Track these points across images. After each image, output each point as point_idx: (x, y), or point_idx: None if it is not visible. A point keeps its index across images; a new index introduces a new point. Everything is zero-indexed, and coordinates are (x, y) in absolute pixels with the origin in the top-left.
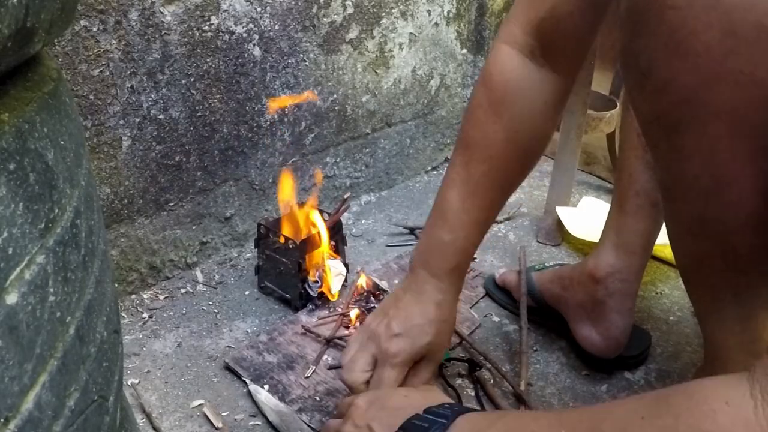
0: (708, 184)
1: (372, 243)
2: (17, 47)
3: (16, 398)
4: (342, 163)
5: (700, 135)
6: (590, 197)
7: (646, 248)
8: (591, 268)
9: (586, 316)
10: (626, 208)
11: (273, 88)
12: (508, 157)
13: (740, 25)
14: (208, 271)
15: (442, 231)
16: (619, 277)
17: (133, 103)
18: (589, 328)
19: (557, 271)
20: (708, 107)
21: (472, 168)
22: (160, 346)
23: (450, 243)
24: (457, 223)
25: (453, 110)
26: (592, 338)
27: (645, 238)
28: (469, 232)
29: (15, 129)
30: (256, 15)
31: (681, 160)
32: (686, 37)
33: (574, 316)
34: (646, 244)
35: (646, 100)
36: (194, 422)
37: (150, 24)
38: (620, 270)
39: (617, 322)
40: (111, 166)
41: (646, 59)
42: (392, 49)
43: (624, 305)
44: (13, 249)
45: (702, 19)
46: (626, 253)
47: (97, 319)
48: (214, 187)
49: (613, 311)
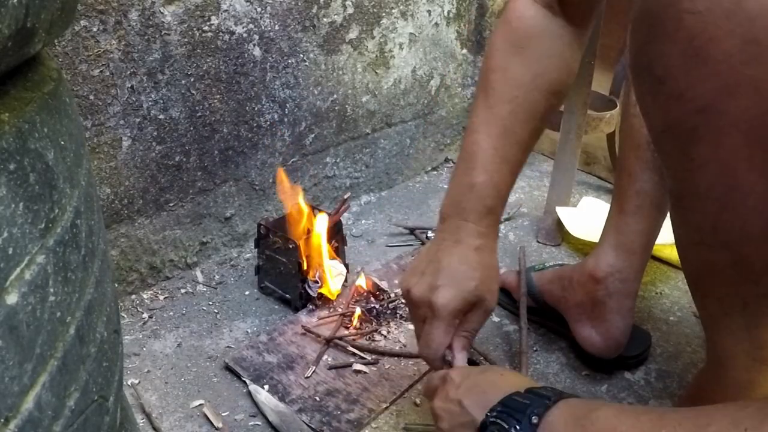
0: (722, 194)
1: (372, 243)
2: (17, 47)
3: (16, 398)
4: (342, 163)
5: (716, 144)
6: (590, 197)
7: (646, 248)
8: (591, 268)
9: (586, 316)
10: (626, 207)
11: (273, 88)
12: (534, 95)
13: (763, 32)
14: (208, 272)
15: (474, 173)
16: (619, 277)
17: (133, 104)
18: (589, 328)
19: (557, 272)
20: (725, 116)
21: (497, 109)
22: (160, 346)
23: (483, 183)
24: (489, 162)
25: (453, 110)
26: (593, 338)
27: (645, 237)
28: (501, 171)
29: (15, 129)
30: (257, 15)
31: (694, 170)
32: (705, 43)
33: (574, 316)
34: (647, 243)
35: (659, 108)
36: (194, 422)
37: (150, 24)
38: (620, 270)
39: (617, 323)
40: (111, 166)
41: (662, 65)
42: (392, 49)
43: (624, 305)
44: (14, 249)
45: (722, 25)
46: (626, 253)
47: (97, 319)
48: (214, 188)
49: (613, 311)
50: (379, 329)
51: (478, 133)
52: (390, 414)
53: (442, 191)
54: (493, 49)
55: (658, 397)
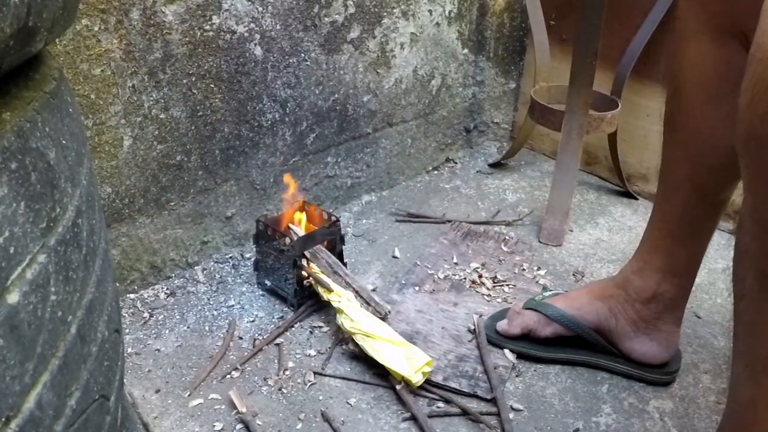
0: None
1: (373, 243)
2: (19, 46)
3: (17, 397)
4: (343, 162)
5: None
6: None
7: (694, 269)
8: (637, 289)
9: (641, 332)
10: (676, 233)
11: (274, 87)
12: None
13: None
14: (209, 271)
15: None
16: (668, 296)
17: (134, 103)
18: (648, 341)
19: (590, 293)
20: None
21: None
22: (160, 345)
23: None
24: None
25: (454, 110)
26: (653, 350)
27: (695, 261)
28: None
29: (17, 128)
30: (258, 14)
31: None
32: None
33: (628, 334)
34: (695, 265)
35: None
36: (194, 422)
37: (151, 23)
38: (668, 290)
39: (674, 330)
40: (112, 165)
41: None
42: (393, 48)
43: (676, 315)
44: (15, 248)
45: None
46: (674, 277)
47: (98, 318)
48: (215, 187)
49: (669, 322)
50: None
51: None
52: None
53: (442, 191)
54: None
55: (659, 398)
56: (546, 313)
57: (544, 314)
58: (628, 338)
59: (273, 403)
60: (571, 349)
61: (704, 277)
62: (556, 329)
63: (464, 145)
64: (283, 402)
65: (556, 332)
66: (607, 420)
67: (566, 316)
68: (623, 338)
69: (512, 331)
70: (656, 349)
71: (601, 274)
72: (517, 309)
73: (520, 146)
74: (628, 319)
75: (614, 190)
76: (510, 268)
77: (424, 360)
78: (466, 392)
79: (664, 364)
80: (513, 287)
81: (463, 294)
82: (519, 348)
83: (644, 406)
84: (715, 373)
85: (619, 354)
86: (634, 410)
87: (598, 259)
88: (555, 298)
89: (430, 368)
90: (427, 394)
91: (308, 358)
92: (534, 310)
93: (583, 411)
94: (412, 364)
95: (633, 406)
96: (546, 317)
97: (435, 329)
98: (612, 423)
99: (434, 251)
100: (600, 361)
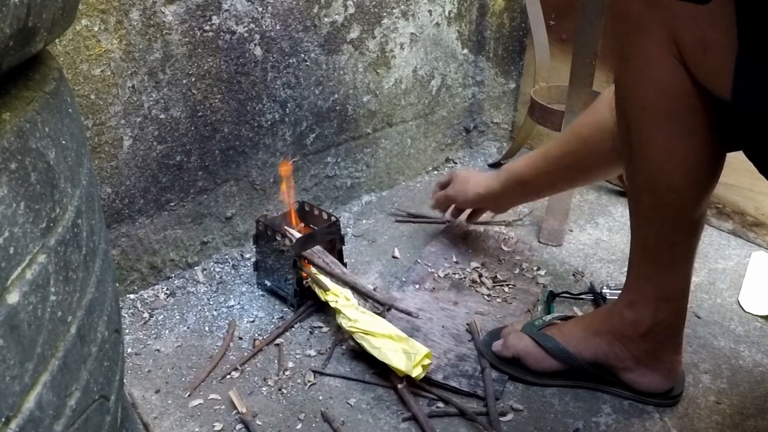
0: None
1: (372, 243)
2: (19, 46)
3: (17, 398)
4: (343, 163)
5: None
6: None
7: (687, 290)
8: (632, 321)
9: (642, 364)
10: (660, 261)
11: (274, 87)
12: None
13: None
14: (209, 271)
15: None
16: (664, 325)
17: (134, 103)
18: (650, 373)
19: (587, 328)
20: None
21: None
22: (160, 345)
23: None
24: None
25: (454, 110)
26: (656, 381)
27: (685, 282)
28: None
29: (16, 128)
30: (258, 15)
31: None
32: None
33: (629, 367)
34: (687, 286)
35: None
36: (194, 422)
37: (151, 24)
38: (665, 318)
39: (675, 358)
40: (112, 165)
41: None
42: (393, 49)
43: (676, 342)
44: (15, 248)
45: None
46: (668, 302)
47: (98, 318)
48: (215, 187)
49: (669, 351)
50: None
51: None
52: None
53: None
54: None
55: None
56: (546, 346)
57: (543, 348)
58: (629, 371)
59: (273, 403)
60: (568, 380)
61: (704, 277)
62: (554, 364)
63: (464, 145)
64: (283, 402)
65: (554, 367)
66: (607, 420)
67: (566, 352)
68: (624, 372)
69: (505, 353)
70: (659, 380)
71: (600, 274)
72: (513, 329)
73: (520, 146)
74: (628, 353)
75: (614, 190)
76: (510, 267)
77: (423, 352)
78: (466, 391)
79: (669, 390)
80: (513, 287)
81: (463, 293)
82: (514, 373)
83: (644, 406)
84: (715, 373)
85: (621, 385)
86: (634, 410)
87: (598, 259)
88: (551, 330)
89: (430, 360)
90: (427, 393)
91: (308, 358)
92: (533, 339)
93: (583, 411)
94: (411, 358)
95: (633, 406)
96: (545, 351)
97: (435, 327)
98: (612, 423)
99: (434, 249)
100: (599, 387)
